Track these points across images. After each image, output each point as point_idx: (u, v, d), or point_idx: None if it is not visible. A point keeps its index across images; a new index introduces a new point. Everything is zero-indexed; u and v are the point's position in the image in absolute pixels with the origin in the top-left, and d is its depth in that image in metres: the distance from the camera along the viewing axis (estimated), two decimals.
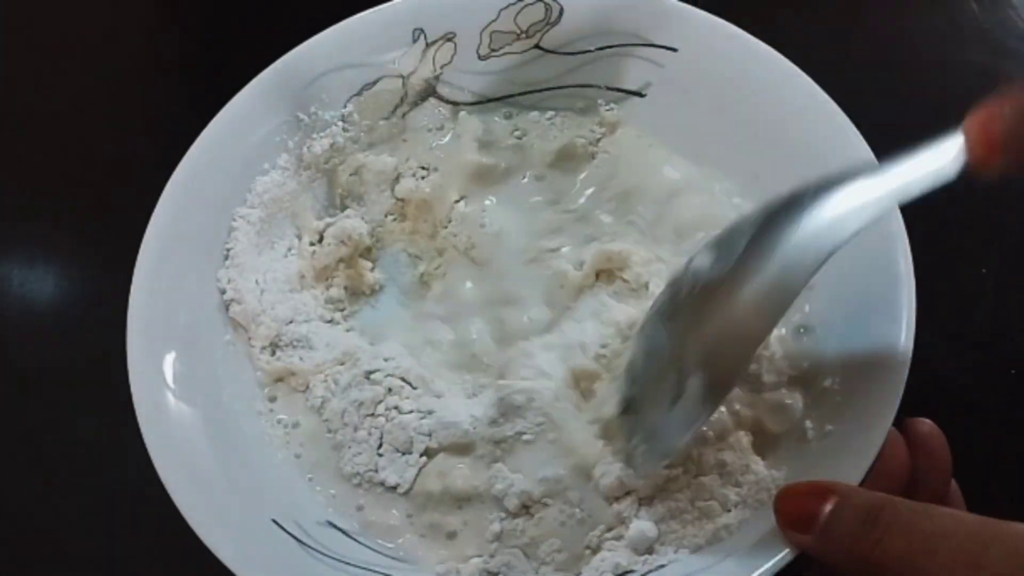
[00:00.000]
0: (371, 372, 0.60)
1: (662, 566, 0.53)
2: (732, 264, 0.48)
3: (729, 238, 0.49)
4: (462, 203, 0.67)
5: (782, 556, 0.47)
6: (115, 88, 0.87)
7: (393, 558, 0.56)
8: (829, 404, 0.55)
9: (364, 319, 0.65)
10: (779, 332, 0.59)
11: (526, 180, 0.68)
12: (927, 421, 0.54)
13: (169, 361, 0.56)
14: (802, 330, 0.59)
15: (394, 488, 0.58)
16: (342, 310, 0.65)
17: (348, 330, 0.64)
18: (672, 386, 0.50)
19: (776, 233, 0.47)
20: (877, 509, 0.43)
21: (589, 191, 0.67)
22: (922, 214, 0.56)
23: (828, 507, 0.45)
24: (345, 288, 0.65)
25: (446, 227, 0.66)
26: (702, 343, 0.49)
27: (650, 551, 0.54)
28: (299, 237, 0.65)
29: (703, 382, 0.49)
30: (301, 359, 0.61)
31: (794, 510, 0.47)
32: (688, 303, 0.51)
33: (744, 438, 0.57)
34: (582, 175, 0.68)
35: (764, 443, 0.56)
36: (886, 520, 0.42)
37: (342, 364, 0.61)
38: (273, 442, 0.59)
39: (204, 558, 0.50)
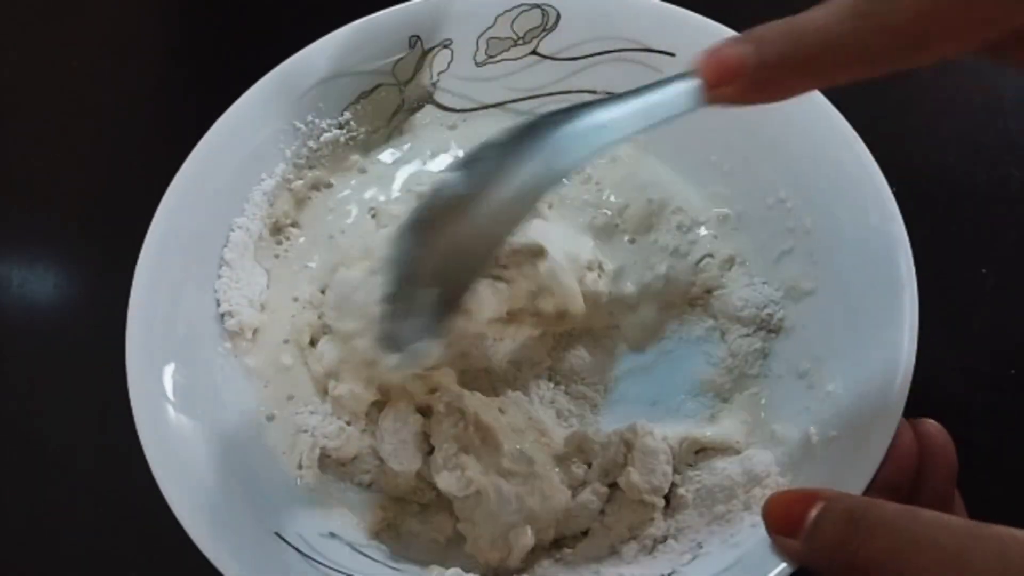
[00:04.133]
0: None
1: (665, 575, 0.52)
2: (474, 182, 0.49)
3: (476, 157, 0.50)
4: None
5: (784, 567, 0.47)
6: (114, 95, 0.87)
7: (396, 569, 0.55)
8: (833, 409, 0.54)
9: None
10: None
11: None
12: (932, 422, 0.54)
13: (168, 373, 0.56)
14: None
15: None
16: None
17: None
18: (410, 295, 0.52)
19: (515, 157, 0.48)
20: (861, 513, 0.42)
21: None
22: (922, 214, 0.56)
23: (813, 513, 0.44)
24: None
25: None
26: (441, 257, 0.51)
27: (653, 554, 0.54)
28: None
29: (437, 296, 0.51)
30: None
31: (782, 516, 0.46)
32: (434, 217, 0.51)
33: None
34: None
35: None
36: (869, 523, 0.42)
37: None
38: (274, 453, 0.58)
39: (208, 570, 0.49)
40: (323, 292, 0.63)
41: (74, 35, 0.91)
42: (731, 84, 0.43)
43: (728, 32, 0.63)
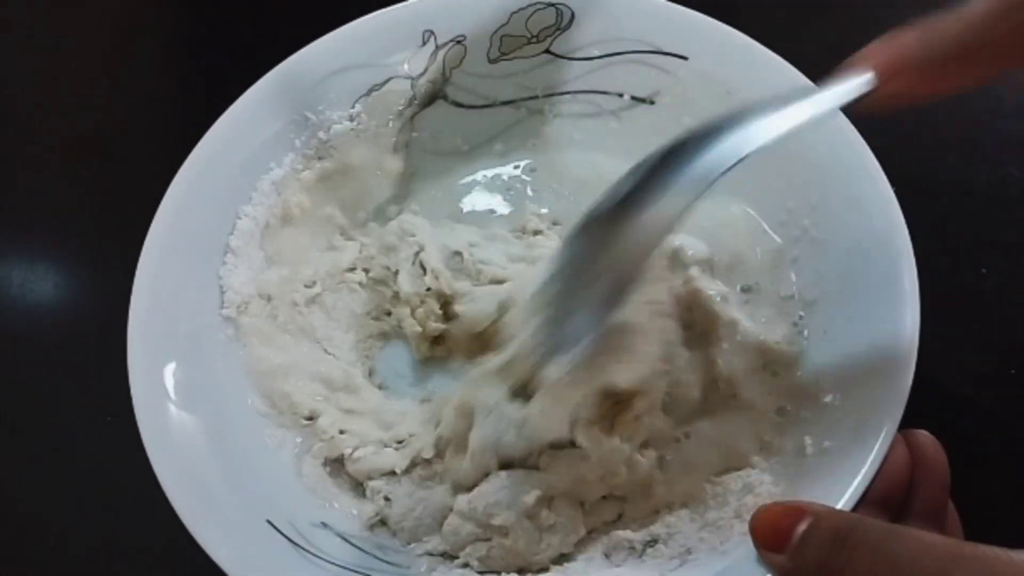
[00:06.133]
0: None
1: None
2: (641, 182, 0.49)
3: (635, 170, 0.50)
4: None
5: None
6: (115, 93, 0.86)
7: (386, 561, 0.56)
8: (829, 420, 0.54)
9: None
10: None
11: None
12: (924, 432, 0.54)
13: (170, 370, 0.56)
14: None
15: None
16: None
17: None
18: (584, 290, 0.52)
19: (683, 155, 0.48)
20: (846, 530, 0.42)
21: None
22: (922, 214, 0.56)
23: (801, 528, 0.44)
24: None
25: None
26: (612, 251, 0.51)
27: (642, 559, 0.55)
28: None
29: (608, 285, 0.51)
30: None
31: (769, 530, 0.46)
32: (605, 217, 0.51)
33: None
34: None
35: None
36: (854, 541, 0.42)
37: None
38: (270, 443, 0.59)
39: (199, 557, 0.50)
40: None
41: (75, 33, 0.90)
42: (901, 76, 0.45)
43: (741, 36, 0.63)
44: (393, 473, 0.58)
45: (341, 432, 0.60)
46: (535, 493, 0.55)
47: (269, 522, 0.54)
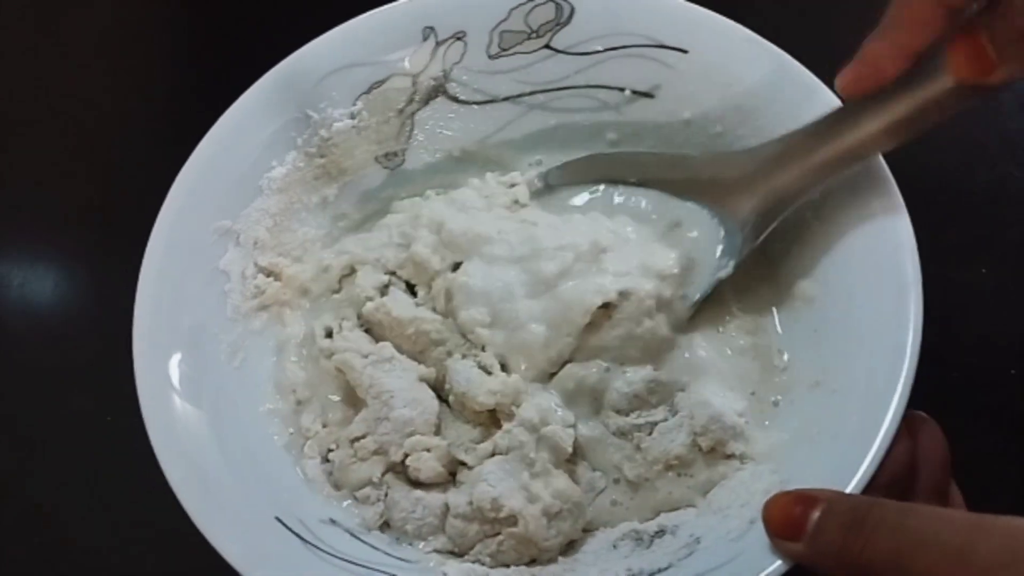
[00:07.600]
0: None
1: (662, 569, 0.52)
2: None
3: None
4: None
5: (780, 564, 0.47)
6: (120, 85, 0.86)
7: (396, 557, 0.55)
8: (836, 410, 0.54)
9: None
10: None
11: None
12: (920, 413, 0.53)
13: (175, 363, 0.55)
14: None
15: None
16: None
17: None
18: None
19: None
20: (863, 512, 0.42)
21: None
22: (922, 214, 0.56)
23: (815, 515, 0.44)
24: None
25: None
26: None
27: (650, 548, 0.54)
28: None
29: None
30: None
31: (783, 519, 0.46)
32: None
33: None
34: None
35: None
36: (872, 523, 0.42)
37: None
38: (278, 440, 0.58)
39: (208, 555, 0.49)
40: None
41: (75, 33, 0.90)
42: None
43: (742, 30, 0.62)
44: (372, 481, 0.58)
45: (324, 426, 0.60)
46: (527, 472, 0.55)
47: (278, 519, 0.53)
